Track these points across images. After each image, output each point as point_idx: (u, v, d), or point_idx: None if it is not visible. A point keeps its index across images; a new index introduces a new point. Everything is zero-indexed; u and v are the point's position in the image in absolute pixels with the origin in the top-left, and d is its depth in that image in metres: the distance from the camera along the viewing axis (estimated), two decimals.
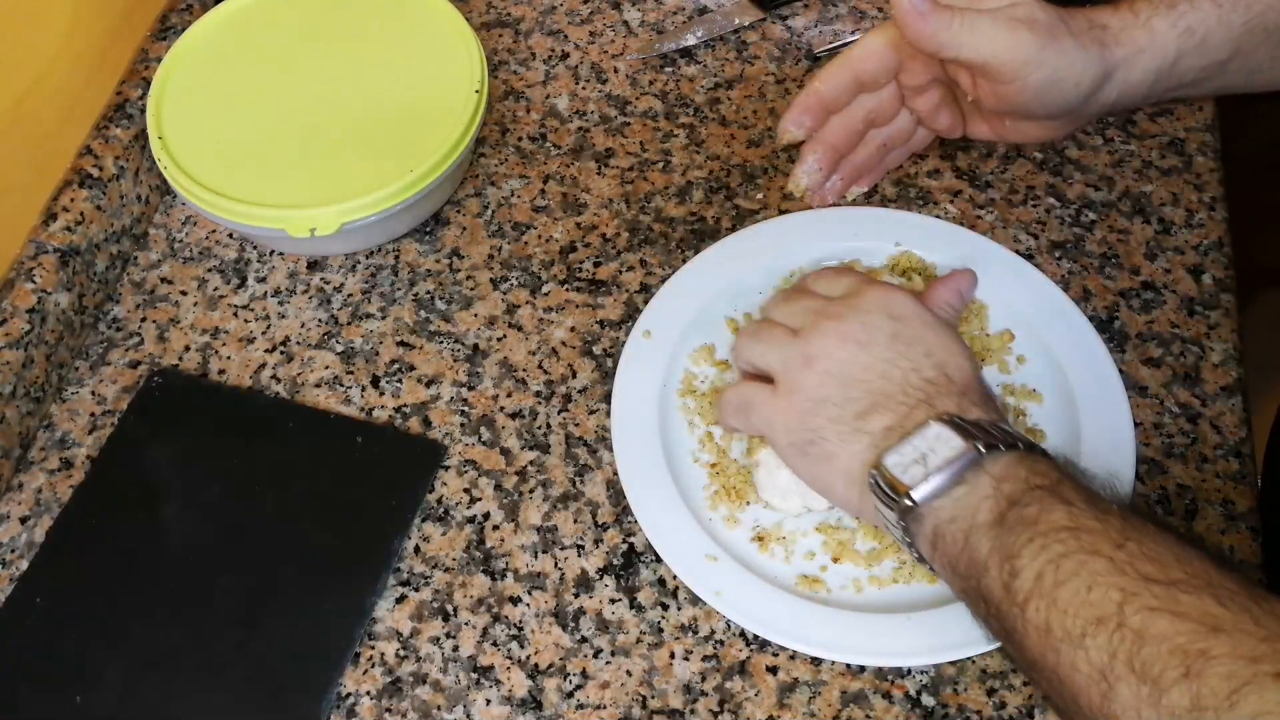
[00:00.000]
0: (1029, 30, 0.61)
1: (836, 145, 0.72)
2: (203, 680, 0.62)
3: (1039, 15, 0.62)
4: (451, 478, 0.68)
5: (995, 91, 0.64)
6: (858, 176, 0.73)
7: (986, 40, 0.62)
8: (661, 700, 0.61)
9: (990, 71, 0.63)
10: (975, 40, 0.62)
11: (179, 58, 0.77)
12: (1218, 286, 0.73)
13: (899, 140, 0.73)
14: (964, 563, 0.52)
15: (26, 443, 0.70)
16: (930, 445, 0.54)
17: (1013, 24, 0.61)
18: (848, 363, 0.58)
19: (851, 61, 0.68)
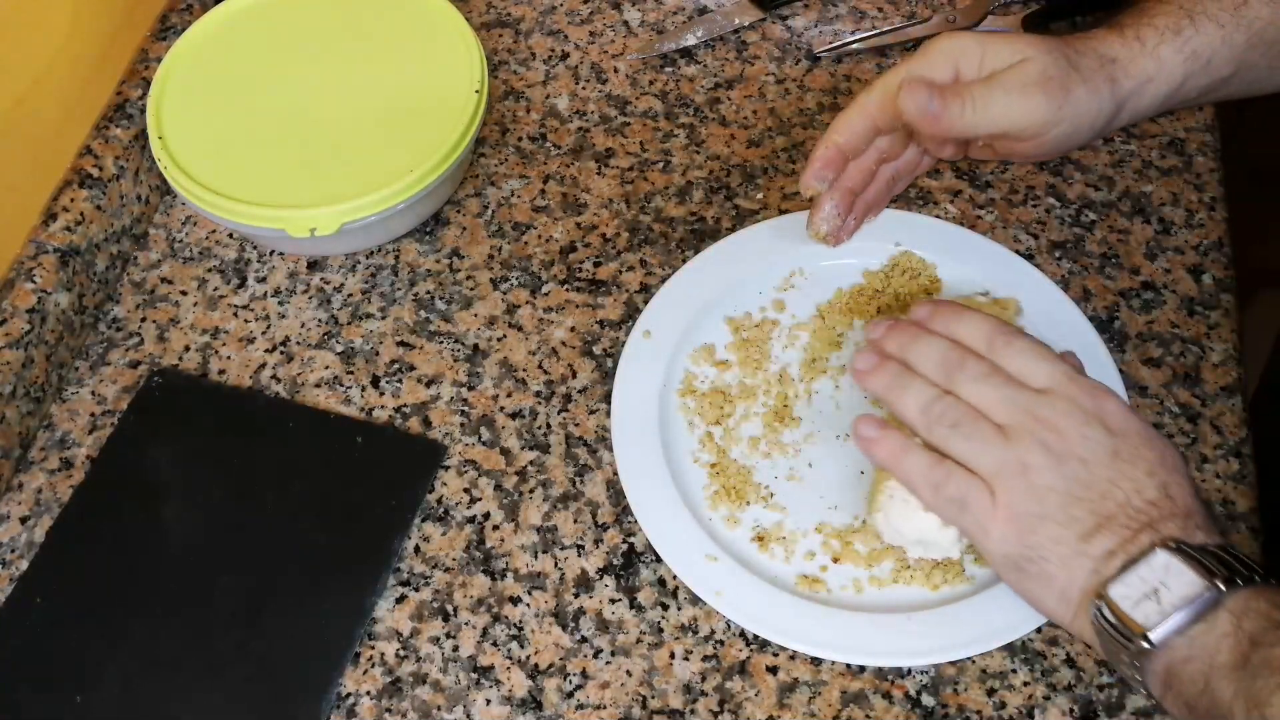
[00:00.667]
0: (1043, 92, 0.60)
1: (853, 188, 0.69)
2: (203, 680, 0.62)
3: (1051, 71, 0.60)
4: (451, 478, 0.68)
5: (1013, 148, 0.64)
6: (869, 210, 0.72)
7: (1002, 113, 0.60)
8: (661, 700, 0.61)
9: (1010, 136, 0.62)
10: (991, 116, 0.61)
11: (179, 58, 0.77)
12: (1218, 286, 0.73)
13: (906, 171, 0.71)
14: (1204, 706, 0.49)
15: (26, 443, 0.70)
16: (1161, 578, 0.51)
17: (1025, 89, 0.60)
18: (1070, 479, 0.55)
19: (869, 109, 0.65)
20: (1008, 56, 0.61)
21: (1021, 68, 0.60)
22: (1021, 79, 0.60)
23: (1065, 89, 0.60)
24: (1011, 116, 0.60)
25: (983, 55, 0.61)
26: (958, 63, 0.62)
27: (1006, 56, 0.61)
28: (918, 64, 0.62)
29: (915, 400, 0.58)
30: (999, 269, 0.71)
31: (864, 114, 0.65)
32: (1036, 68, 0.60)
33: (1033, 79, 0.60)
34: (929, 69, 0.62)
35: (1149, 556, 0.52)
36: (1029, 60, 0.61)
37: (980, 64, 0.61)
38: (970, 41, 0.62)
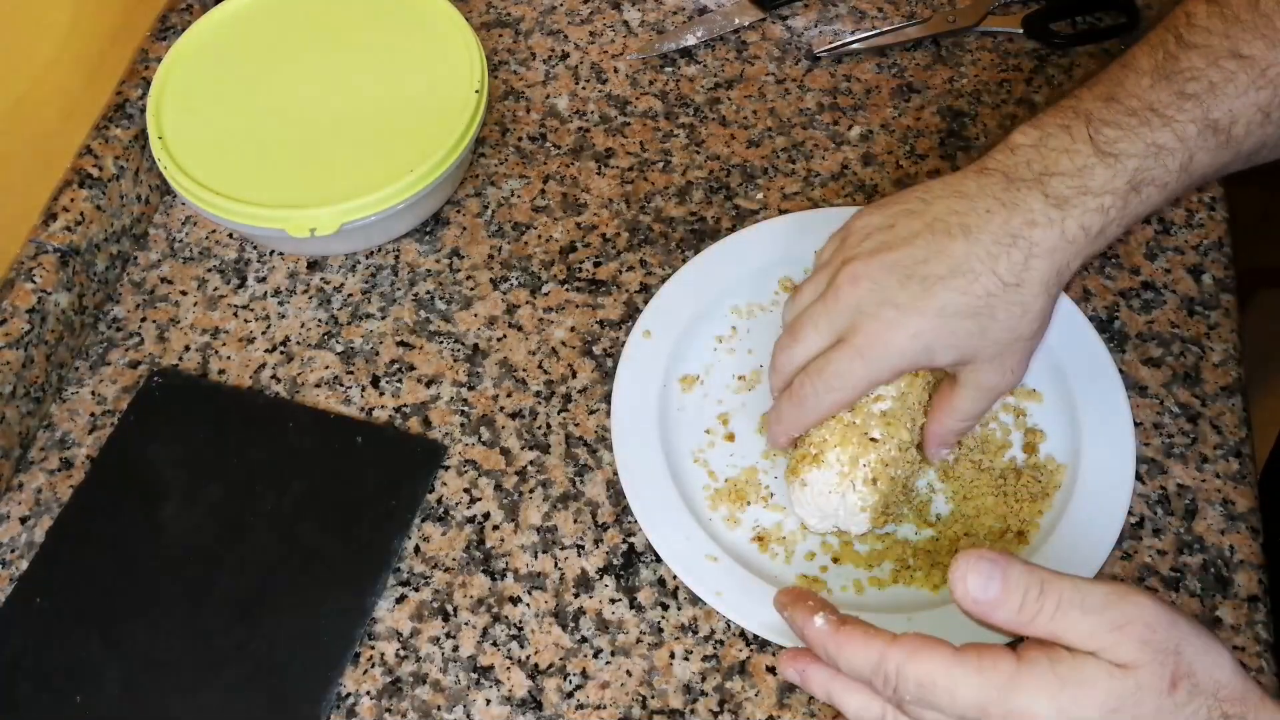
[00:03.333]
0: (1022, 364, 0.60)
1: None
2: (202, 680, 0.62)
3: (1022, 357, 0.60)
4: (451, 478, 0.68)
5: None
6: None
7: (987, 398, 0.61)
8: (661, 700, 0.61)
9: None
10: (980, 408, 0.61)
11: (179, 58, 0.77)
12: (1218, 286, 0.73)
13: None
14: None
15: (26, 443, 0.70)
16: None
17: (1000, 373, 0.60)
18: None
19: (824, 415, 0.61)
20: (956, 359, 0.58)
21: (979, 374, 0.59)
22: (988, 384, 0.60)
23: (1024, 356, 0.60)
24: (998, 397, 0.61)
25: (931, 360, 0.58)
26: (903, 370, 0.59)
27: (954, 358, 0.58)
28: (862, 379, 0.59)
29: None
30: None
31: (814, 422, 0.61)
32: (993, 369, 0.59)
33: (995, 379, 0.60)
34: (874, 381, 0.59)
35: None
36: (982, 365, 0.59)
37: (930, 363, 0.59)
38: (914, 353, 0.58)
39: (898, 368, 0.58)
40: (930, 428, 0.62)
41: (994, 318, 0.57)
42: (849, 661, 0.49)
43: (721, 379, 0.70)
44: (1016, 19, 0.85)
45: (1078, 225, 0.56)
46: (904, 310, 0.57)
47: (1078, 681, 0.46)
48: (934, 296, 0.56)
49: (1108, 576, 0.63)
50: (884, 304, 0.57)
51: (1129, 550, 0.64)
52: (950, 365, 0.59)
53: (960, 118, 0.81)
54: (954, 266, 0.56)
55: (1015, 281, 0.56)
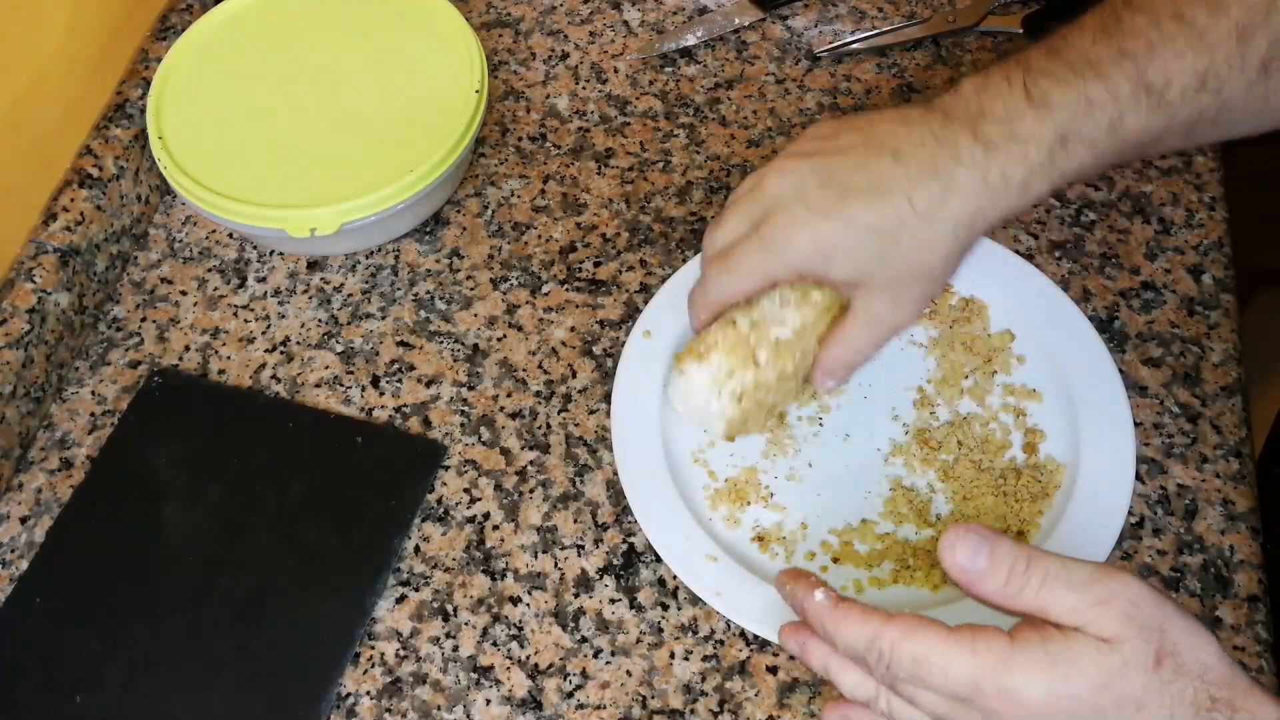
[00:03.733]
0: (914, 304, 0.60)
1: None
2: (203, 680, 0.62)
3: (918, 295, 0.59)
4: (451, 478, 0.68)
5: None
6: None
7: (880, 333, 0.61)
8: (661, 700, 0.61)
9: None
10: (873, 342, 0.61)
11: (179, 58, 0.77)
12: (1218, 286, 0.73)
13: None
14: None
15: (26, 443, 0.70)
16: None
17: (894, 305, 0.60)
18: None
19: (725, 301, 0.63)
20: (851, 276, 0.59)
21: (871, 301, 0.59)
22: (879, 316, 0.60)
23: (918, 297, 0.59)
24: (893, 333, 0.61)
25: (827, 268, 0.59)
26: (800, 270, 0.60)
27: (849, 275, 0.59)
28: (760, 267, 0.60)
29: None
30: (999, 269, 0.71)
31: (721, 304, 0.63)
32: (885, 300, 0.59)
33: (886, 311, 0.60)
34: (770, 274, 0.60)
35: None
36: (875, 293, 0.59)
37: (825, 272, 0.59)
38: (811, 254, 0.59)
39: (793, 266, 0.59)
40: (821, 355, 0.62)
41: (897, 243, 0.57)
42: (845, 639, 0.50)
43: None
44: (1016, 19, 0.85)
45: (999, 172, 0.56)
46: (813, 211, 0.58)
47: (1068, 659, 0.46)
48: (846, 205, 0.57)
49: None
50: (797, 201, 0.58)
51: (1129, 550, 0.64)
52: (844, 281, 0.59)
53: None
54: (873, 183, 0.57)
55: (927, 214, 0.56)
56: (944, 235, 0.57)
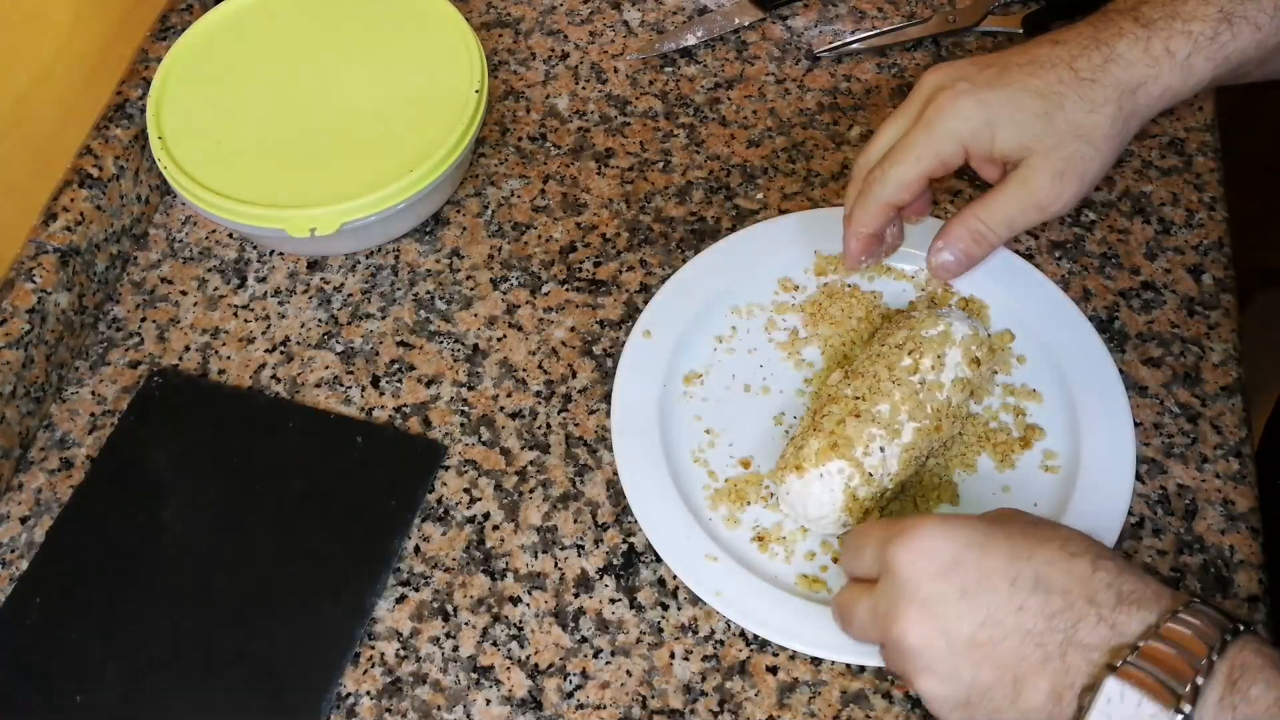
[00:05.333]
0: (1063, 187, 0.58)
1: (879, 235, 0.67)
2: (203, 680, 0.62)
3: (1063, 164, 0.58)
4: (451, 478, 0.68)
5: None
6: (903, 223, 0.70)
7: (1029, 221, 0.60)
8: (661, 700, 0.61)
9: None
10: (1020, 228, 0.61)
11: (179, 58, 0.77)
12: (1218, 286, 0.73)
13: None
14: None
15: (26, 443, 0.70)
16: (1120, 712, 0.44)
17: (1045, 198, 0.59)
18: (946, 655, 0.48)
19: (889, 198, 0.62)
20: (1016, 142, 0.58)
21: (1033, 171, 0.58)
22: (1037, 189, 0.58)
23: (1080, 178, 0.58)
24: (1039, 217, 0.60)
25: (993, 137, 0.59)
26: (967, 144, 0.60)
27: (1015, 142, 0.58)
28: (925, 148, 0.60)
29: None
30: (999, 269, 0.71)
31: (885, 202, 0.63)
32: (1048, 170, 0.58)
33: (1046, 183, 0.58)
34: (937, 153, 0.60)
35: (1097, 695, 0.45)
36: (1037, 160, 0.58)
37: (992, 144, 0.59)
38: (978, 122, 0.59)
39: (960, 136, 0.59)
40: (952, 222, 0.61)
41: (1062, 106, 0.57)
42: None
43: (721, 379, 0.70)
44: (1016, 19, 0.85)
45: (1163, 45, 0.57)
46: (975, 84, 0.58)
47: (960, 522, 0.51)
48: (1009, 74, 0.58)
49: None
50: (959, 79, 0.59)
51: (1129, 550, 0.64)
52: (1010, 148, 0.59)
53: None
54: (1033, 59, 0.58)
55: (1090, 77, 0.57)
56: (1109, 98, 0.57)
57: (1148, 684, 0.44)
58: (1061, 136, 0.57)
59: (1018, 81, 0.58)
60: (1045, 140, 0.58)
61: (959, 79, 0.59)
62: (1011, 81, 0.58)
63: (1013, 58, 0.59)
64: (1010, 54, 0.60)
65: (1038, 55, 0.58)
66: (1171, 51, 0.57)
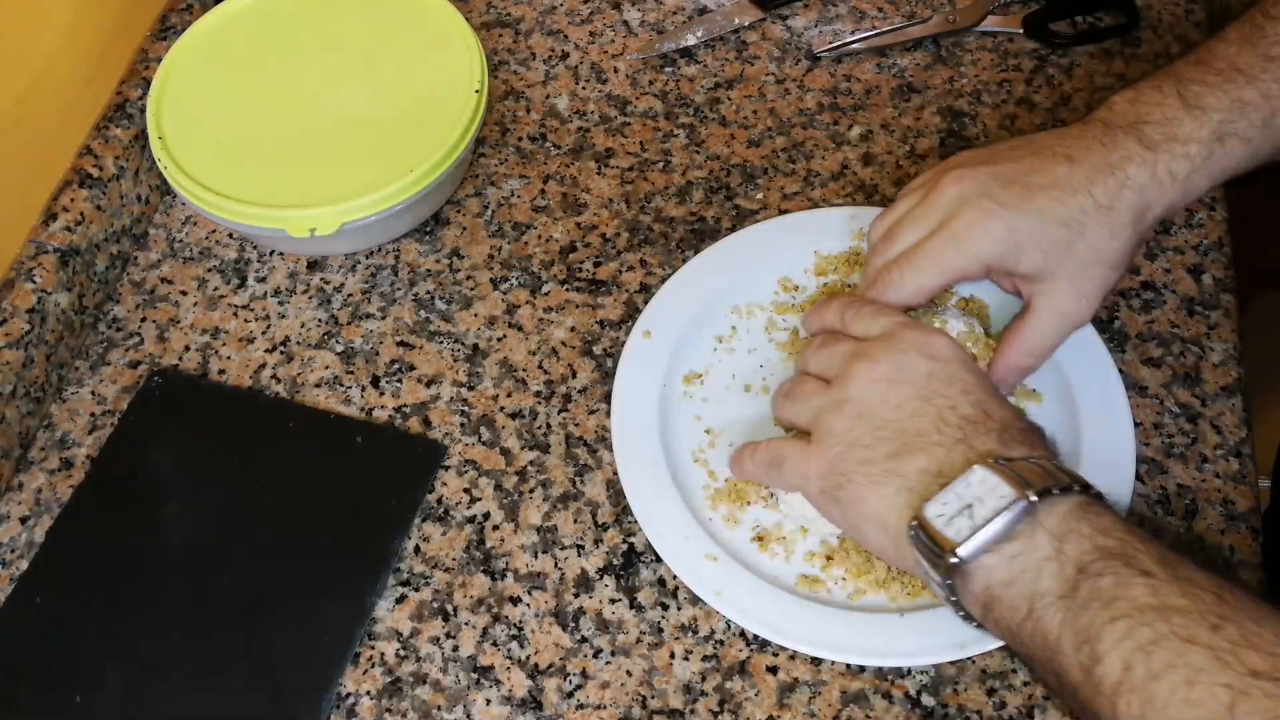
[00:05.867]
0: (1088, 307, 0.62)
1: None
2: (203, 680, 0.62)
3: (1087, 288, 0.61)
4: (451, 478, 0.68)
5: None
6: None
7: (1057, 343, 0.63)
8: (661, 700, 0.61)
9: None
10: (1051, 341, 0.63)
11: (179, 58, 0.77)
12: (1218, 286, 0.73)
13: None
14: (1028, 633, 0.49)
15: (26, 443, 0.70)
16: (976, 493, 0.51)
17: (1070, 317, 0.62)
18: (878, 403, 0.56)
19: (904, 301, 0.63)
20: (1040, 268, 0.61)
21: (1060, 297, 0.61)
22: (1066, 312, 0.61)
23: (1103, 294, 0.61)
24: (1070, 334, 0.63)
25: (1018, 260, 0.61)
26: (990, 265, 0.61)
27: (1039, 267, 0.60)
28: (951, 263, 0.61)
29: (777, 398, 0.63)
30: None
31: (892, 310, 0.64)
32: (1074, 294, 0.61)
33: (1073, 306, 0.61)
34: (962, 269, 0.61)
35: (966, 474, 0.52)
36: (1063, 285, 0.61)
37: (1016, 266, 0.61)
38: (1007, 246, 0.60)
39: (985, 258, 0.61)
40: (997, 362, 0.63)
41: (1083, 234, 0.60)
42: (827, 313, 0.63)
43: (721, 379, 0.70)
44: (1016, 19, 0.85)
45: (1166, 169, 0.59)
46: (1004, 206, 0.60)
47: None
48: (1033, 199, 0.60)
49: None
50: (985, 196, 0.60)
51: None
52: (1033, 271, 0.61)
53: (960, 118, 0.81)
54: (1055, 181, 0.60)
55: (1109, 205, 0.59)
56: (1125, 224, 0.60)
57: (1008, 475, 0.51)
58: (1084, 263, 0.60)
59: (1045, 209, 0.60)
60: (1068, 267, 0.60)
61: (983, 195, 0.60)
62: (1038, 208, 0.60)
63: (1034, 177, 0.60)
64: (1028, 168, 0.61)
65: (1057, 178, 0.60)
66: (1174, 174, 0.60)
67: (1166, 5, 0.86)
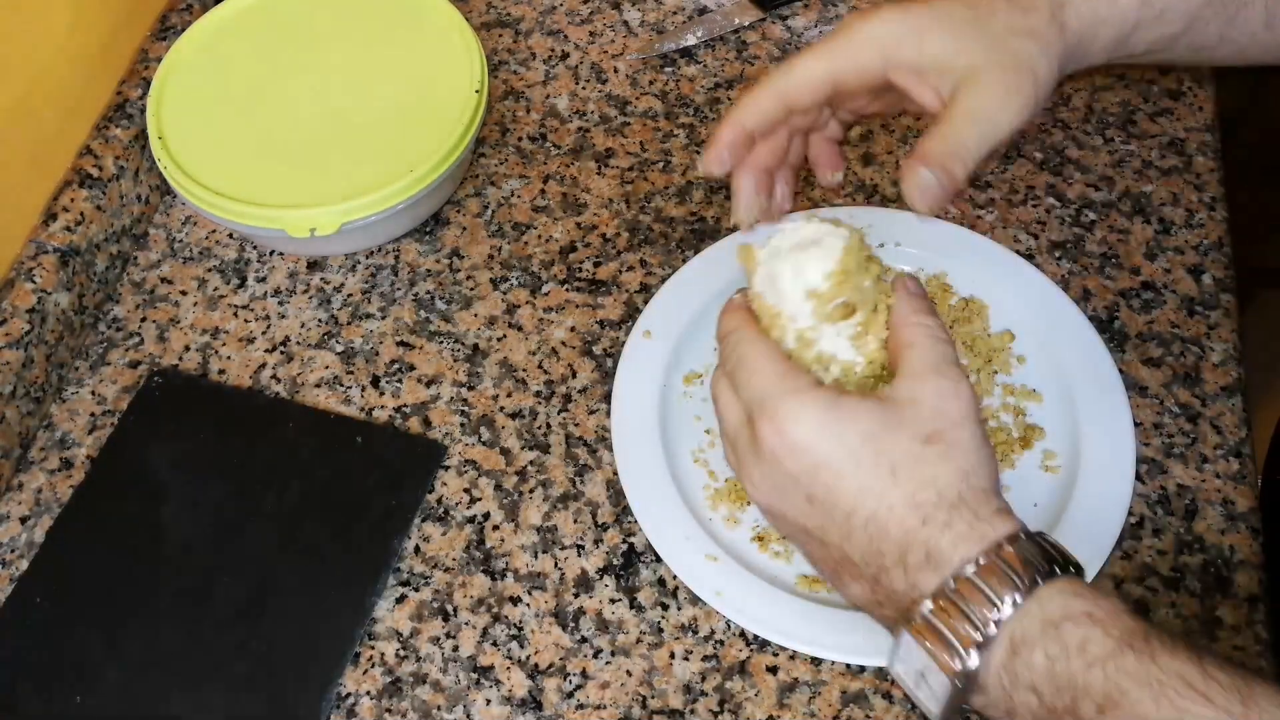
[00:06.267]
0: (1017, 99, 0.53)
1: (768, 167, 0.60)
2: (203, 680, 0.62)
3: (1008, 68, 0.53)
4: (451, 478, 0.68)
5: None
6: (798, 176, 0.63)
7: (986, 143, 0.54)
8: (661, 700, 0.61)
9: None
10: (979, 153, 0.54)
11: (179, 58, 0.77)
12: (1218, 286, 0.73)
13: (823, 135, 0.62)
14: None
15: (26, 443, 0.70)
16: (918, 663, 0.48)
17: (999, 109, 0.53)
18: (779, 510, 0.51)
19: (786, 93, 0.56)
20: (950, 48, 0.54)
21: (981, 83, 0.53)
22: (992, 97, 0.53)
23: (1033, 74, 0.53)
24: (1006, 125, 0.54)
25: (920, 44, 0.54)
26: (888, 53, 0.55)
27: (948, 47, 0.54)
28: (839, 47, 0.55)
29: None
30: (999, 269, 0.71)
31: (779, 96, 0.57)
32: (998, 77, 0.53)
33: (1000, 92, 0.53)
34: (852, 55, 0.55)
35: (899, 639, 0.48)
36: (982, 71, 0.53)
37: (919, 52, 0.54)
38: (901, 28, 0.54)
39: (879, 39, 0.54)
40: (918, 146, 0.54)
41: (993, 13, 0.54)
42: (719, 325, 0.55)
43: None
44: None
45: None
46: (900, 2, 0.55)
47: (850, 409, 0.49)
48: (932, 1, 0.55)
49: (1108, 576, 0.63)
50: (876, 5, 0.56)
51: (1129, 550, 0.64)
52: (942, 60, 0.54)
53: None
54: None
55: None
56: (1039, 5, 0.54)
57: (936, 642, 0.47)
58: (999, 38, 0.53)
59: (944, 2, 0.55)
60: (982, 42, 0.53)
61: (874, 5, 0.56)
62: (937, 2, 0.55)
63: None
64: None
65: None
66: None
67: None
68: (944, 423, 0.49)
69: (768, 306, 0.54)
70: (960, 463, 0.49)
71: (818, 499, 0.49)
